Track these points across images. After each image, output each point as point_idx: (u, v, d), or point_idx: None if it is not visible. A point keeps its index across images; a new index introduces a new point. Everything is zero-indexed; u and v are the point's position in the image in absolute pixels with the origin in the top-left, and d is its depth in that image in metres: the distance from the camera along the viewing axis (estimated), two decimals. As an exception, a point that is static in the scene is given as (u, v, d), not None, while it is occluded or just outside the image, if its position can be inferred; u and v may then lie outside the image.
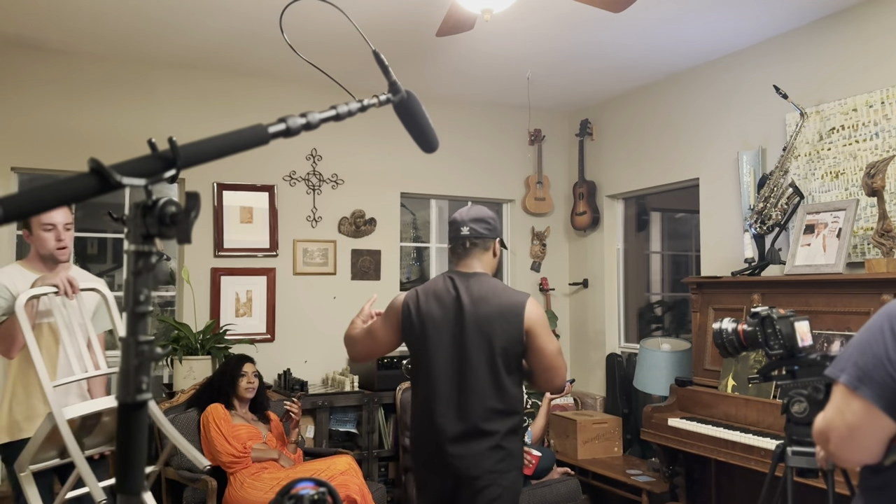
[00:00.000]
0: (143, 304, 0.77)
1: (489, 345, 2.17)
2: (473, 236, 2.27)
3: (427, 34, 3.79)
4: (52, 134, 4.11)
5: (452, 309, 2.21)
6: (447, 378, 2.20)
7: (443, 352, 2.20)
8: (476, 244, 2.28)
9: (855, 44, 3.54)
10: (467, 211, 2.32)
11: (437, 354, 2.21)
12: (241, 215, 4.56)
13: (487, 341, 2.17)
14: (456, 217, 2.31)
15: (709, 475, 3.79)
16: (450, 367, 2.20)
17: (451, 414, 2.18)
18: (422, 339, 2.23)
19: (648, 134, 4.86)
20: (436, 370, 2.21)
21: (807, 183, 3.70)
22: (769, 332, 2.03)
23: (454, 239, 2.30)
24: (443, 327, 2.21)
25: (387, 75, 1.22)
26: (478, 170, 5.31)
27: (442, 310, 2.22)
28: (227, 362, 3.71)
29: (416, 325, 2.24)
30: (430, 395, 2.21)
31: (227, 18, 3.69)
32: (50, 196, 0.72)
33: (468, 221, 2.27)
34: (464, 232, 2.27)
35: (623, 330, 5.25)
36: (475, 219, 2.28)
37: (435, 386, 2.20)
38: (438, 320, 2.21)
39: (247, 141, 0.89)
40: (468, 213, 2.30)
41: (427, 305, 2.24)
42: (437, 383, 2.20)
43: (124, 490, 0.78)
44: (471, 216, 2.29)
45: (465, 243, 2.27)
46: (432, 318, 2.22)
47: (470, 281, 2.23)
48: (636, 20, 3.68)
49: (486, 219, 2.30)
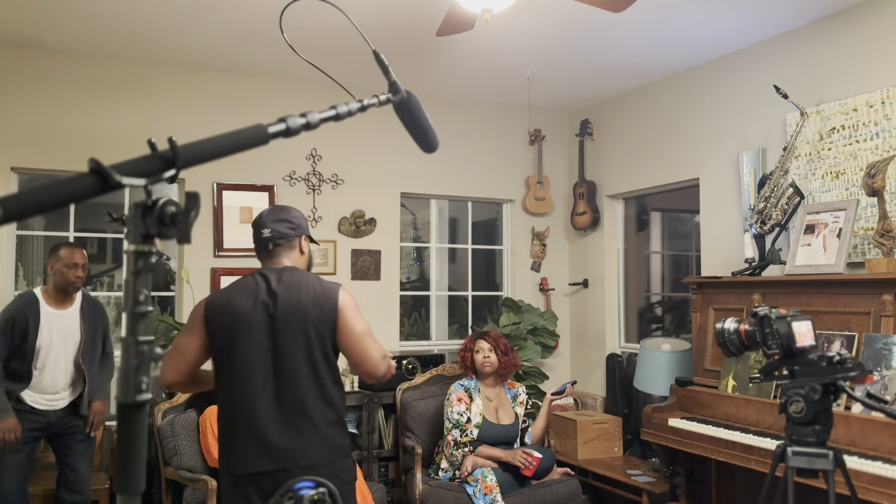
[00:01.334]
0: (143, 304, 0.77)
1: (304, 331, 2.14)
2: (276, 237, 2.25)
3: (427, 34, 3.79)
4: (52, 134, 4.11)
5: (263, 300, 2.15)
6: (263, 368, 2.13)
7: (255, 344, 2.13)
8: (279, 244, 2.25)
9: (855, 44, 3.54)
10: (269, 213, 2.29)
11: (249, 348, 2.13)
12: (240, 215, 4.56)
13: (303, 328, 2.14)
14: (257, 220, 2.27)
15: (709, 475, 3.79)
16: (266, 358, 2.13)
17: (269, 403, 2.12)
18: (231, 334, 2.14)
19: (648, 134, 4.86)
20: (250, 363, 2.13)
21: (807, 183, 3.70)
22: (767, 332, 2.03)
23: (257, 241, 2.27)
24: (253, 319, 2.13)
25: (387, 75, 1.22)
26: (478, 170, 5.31)
27: (252, 302, 2.15)
28: None
29: (223, 321, 2.15)
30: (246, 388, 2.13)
31: (227, 18, 3.69)
32: (50, 196, 0.72)
33: (269, 223, 2.25)
34: (265, 234, 2.24)
35: (623, 330, 5.25)
36: (277, 220, 2.26)
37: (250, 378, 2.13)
38: (248, 312, 2.14)
39: (247, 141, 0.89)
40: (269, 216, 2.27)
41: (234, 301, 2.16)
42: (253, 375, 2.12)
43: (124, 490, 0.78)
44: (272, 218, 2.26)
45: (268, 245, 2.25)
46: (241, 312, 2.14)
47: (282, 274, 2.20)
48: (636, 20, 3.68)
49: (288, 218, 2.28)
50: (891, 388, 2.77)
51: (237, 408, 2.14)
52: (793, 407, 1.99)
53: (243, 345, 2.13)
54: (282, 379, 2.13)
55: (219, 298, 2.19)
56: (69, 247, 3.44)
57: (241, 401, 2.14)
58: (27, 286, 5.38)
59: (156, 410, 3.70)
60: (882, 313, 2.91)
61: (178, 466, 3.52)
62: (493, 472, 3.61)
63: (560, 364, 5.45)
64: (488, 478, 3.57)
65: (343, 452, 2.20)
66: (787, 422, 2.03)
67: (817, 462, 1.97)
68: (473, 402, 3.78)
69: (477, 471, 3.61)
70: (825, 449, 1.97)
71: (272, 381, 2.13)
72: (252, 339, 2.13)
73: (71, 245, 3.48)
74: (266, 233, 2.24)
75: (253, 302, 2.15)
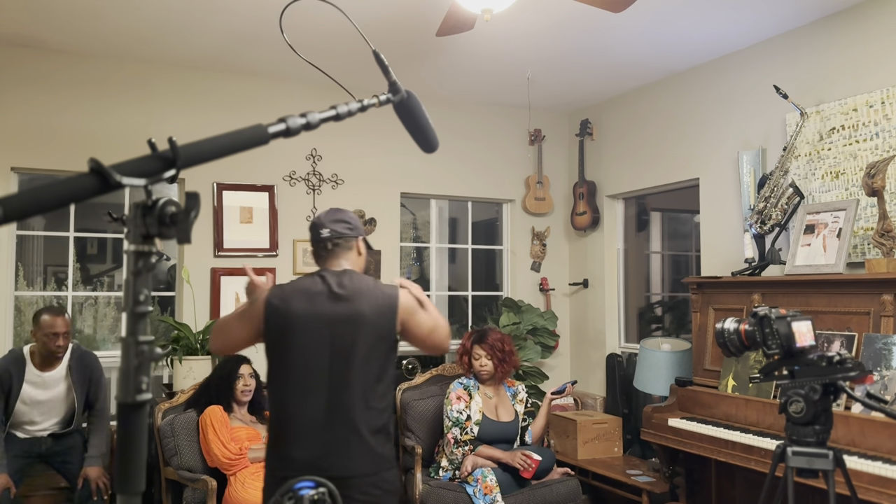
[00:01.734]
0: (143, 304, 0.77)
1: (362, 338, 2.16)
2: (334, 237, 2.26)
3: (427, 34, 3.79)
4: (52, 134, 4.11)
5: (323, 304, 2.17)
6: (314, 373, 2.14)
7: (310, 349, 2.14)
8: (338, 244, 2.27)
9: (855, 44, 3.54)
10: (326, 213, 2.32)
11: (303, 352, 2.14)
12: (240, 215, 4.56)
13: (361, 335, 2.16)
14: (315, 220, 2.30)
15: (709, 475, 3.79)
16: (319, 363, 2.15)
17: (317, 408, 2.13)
18: (287, 336, 2.16)
19: (648, 134, 4.86)
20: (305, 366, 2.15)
21: (807, 183, 3.70)
22: (767, 332, 2.03)
23: (316, 242, 2.28)
24: (312, 323, 2.15)
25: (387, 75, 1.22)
26: (478, 170, 5.31)
27: (311, 305, 2.16)
28: (222, 365, 3.66)
29: (280, 322, 2.16)
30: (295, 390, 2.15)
31: (227, 18, 3.69)
32: (50, 196, 0.72)
33: (328, 223, 2.27)
34: (324, 234, 2.26)
35: (623, 330, 5.25)
36: (335, 220, 2.29)
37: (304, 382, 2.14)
38: (306, 316, 2.16)
39: (247, 141, 0.89)
40: (327, 216, 2.30)
41: (293, 303, 2.17)
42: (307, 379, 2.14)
43: (124, 490, 0.78)
44: (330, 218, 2.29)
45: (327, 245, 2.27)
46: (299, 315, 2.15)
47: (342, 277, 2.22)
48: (636, 20, 3.68)
49: (346, 219, 2.31)
50: (891, 388, 2.78)
51: (285, 408, 2.17)
52: (793, 407, 1.99)
53: (298, 348, 2.15)
54: (332, 385, 2.14)
55: (279, 298, 2.19)
56: (51, 314, 3.46)
57: (289, 402, 2.16)
58: (27, 286, 5.38)
59: (156, 410, 3.70)
60: (882, 313, 2.91)
61: (178, 466, 3.52)
62: (493, 472, 3.61)
63: (560, 364, 5.45)
64: (488, 478, 3.57)
65: (387, 463, 2.20)
66: (787, 422, 2.03)
67: (817, 462, 1.97)
68: (473, 400, 3.78)
69: (477, 471, 3.61)
70: (825, 449, 1.97)
71: (322, 387, 2.14)
72: (307, 344, 2.14)
73: (52, 312, 3.49)
74: (325, 233, 2.26)
75: (312, 306, 2.16)
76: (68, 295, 4.45)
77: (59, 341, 3.46)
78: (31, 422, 3.54)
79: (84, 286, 5.91)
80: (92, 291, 6.00)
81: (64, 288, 4.84)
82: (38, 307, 5.10)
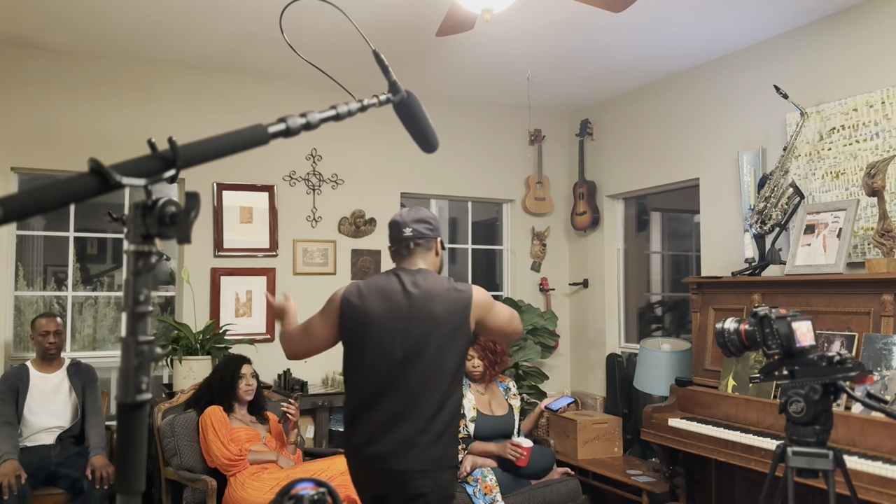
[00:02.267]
0: (143, 304, 0.77)
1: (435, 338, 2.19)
2: (416, 237, 2.30)
3: (427, 34, 3.79)
4: (52, 134, 4.11)
5: (398, 303, 2.20)
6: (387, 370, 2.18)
7: (387, 346, 2.18)
8: (419, 244, 2.31)
9: (855, 44, 3.54)
10: (408, 213, 2.35)
11: (379, 349, 2.18)
12: (240, 215, 4.56)
13: (434, 334, 2.19)
14: (398, 219, 2.33)
15: (709, 475, 3.79)
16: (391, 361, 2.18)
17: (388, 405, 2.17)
18: (362, 334, 2.20)
19: (648, 134, 4.86)
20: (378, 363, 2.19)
21: (807, 183, 3.70)
22: (767, 332, 2.03)
23: (397, 241, 2.32)
24: (387, 322, 2.19)
25: (387, 75, 1.22)
26: (478, 170, 5.31)
27: (387, 304, 2.20)
28: (224, 365, 3.66)
29: (355, 320, 2.21)
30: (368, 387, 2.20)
31: (227, 18, 3.69)
32: (50, 196, 0.72)
33: (410, 223, 2.30)
34: (406, 233, 2.29)
35: (623, 330, 5.25)
36: (417, 220, 2.32)
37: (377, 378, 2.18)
38: (382, 314, 2.19)
39: (247, 141, 0.89)
40: (409, 215, 2.33)
41: (369, 302, 2.21)
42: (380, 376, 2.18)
43: (124, 490, 0.78)
44: (412, 217, 2.32)
45: (408, 244, 2.30)
46: (374, 314, 2.20)
47: (416, 277, 2.25)
48: (636, 20, 3.68)
49: (428, 219, 2.34)
50: (891, 388, 2.77)
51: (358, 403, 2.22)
52: (793, 407, 1.99)
53: (372, 345, 2.19)
54: (404, 382, 2.17)
55: (355, 296, 2.23)
56: (43, 317, 3.82)
57: (362, 397, 2.21)
58: (27, 286, 5.38)
59: (156, 410, 3.70)
60: (882, 313, 2.91)
61: (178, 466, 3.51)
62: (493, 472, 3.61)
63: (560, 364, 5.44)
64: (488, 478, 3.57)
65: (449, 462, 2.23)
66: (787, 422, 2.03)
67: (817, 462, 1.97)
68: (465, 398, 3.78)
69: (476, 471, 3.61)
70: (825, 449, 1.97)
71: (394, 384, 2.18)
72: (381, 341, 2.19)
73: (45, 315, 3.85)
74: (407, 232, 2.29)
75: (387, 304, 2.21)
76: (68, 295, 4.45)
77: (51, 338, 3.75)
78: (40, 423, 3.69)
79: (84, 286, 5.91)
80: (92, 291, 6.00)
81: (64, 288, 4.84)
82: (38, 307, 5.12)
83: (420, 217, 2.33)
